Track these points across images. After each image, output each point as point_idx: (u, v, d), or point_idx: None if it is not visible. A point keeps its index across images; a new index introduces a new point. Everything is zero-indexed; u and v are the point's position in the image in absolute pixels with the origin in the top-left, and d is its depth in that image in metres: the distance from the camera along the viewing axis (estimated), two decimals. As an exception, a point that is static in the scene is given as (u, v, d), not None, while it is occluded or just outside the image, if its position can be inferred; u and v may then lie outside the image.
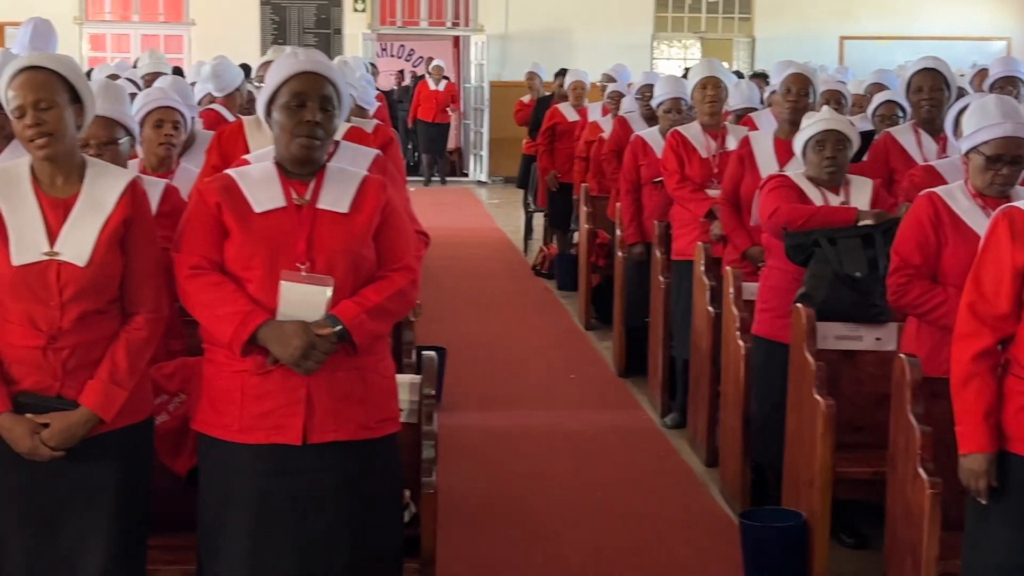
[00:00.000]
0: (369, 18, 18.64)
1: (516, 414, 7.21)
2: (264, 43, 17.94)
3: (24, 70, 3.33)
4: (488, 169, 19.21)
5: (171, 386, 3.83)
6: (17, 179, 3.36)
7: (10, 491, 3.36)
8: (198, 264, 3.37)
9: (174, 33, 18.35)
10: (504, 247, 13.30)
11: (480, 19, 18.89)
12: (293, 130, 3.41)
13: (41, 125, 3.27)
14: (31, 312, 3.28)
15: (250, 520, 3.37)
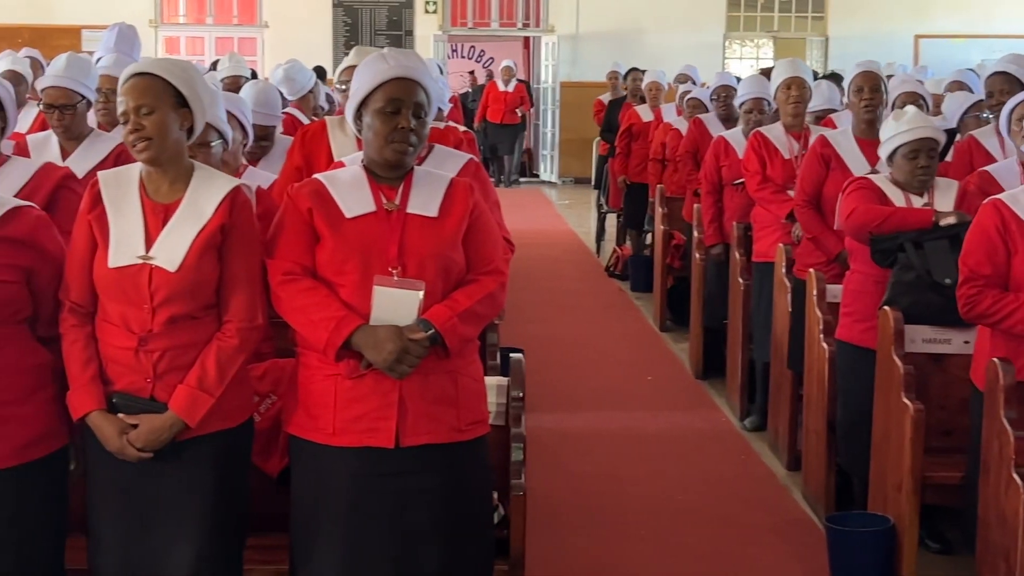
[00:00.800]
0: (440, 19, 18.71)
1: (593, 416, 7.21)
2: (336, 45, 18.08)
3: (132, 77, 3.39)
4: (558, 170, 19.20)
5: (262, 388, 3.87)
6: (127, 183, 3.42)
7: (108, 488, 3.42)
8: (291, 270, 3.40)
9: (248, 36, 18.51)
10: (576, 248, 13.29)
11: (551, 19, 18.90)
12: (387, 136, 3.43)
13: (139, 130, 3.33)
14: (125, 314, 3.34)
15: (343, 522, 3.40)
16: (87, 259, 3.38)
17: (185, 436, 3.36)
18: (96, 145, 4.86)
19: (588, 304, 10.41)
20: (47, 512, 3.47)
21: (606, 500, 5.80)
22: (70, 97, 4.84)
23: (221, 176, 3.53)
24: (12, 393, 3.37)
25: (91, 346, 3.38)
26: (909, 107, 5.21)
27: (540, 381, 7.43)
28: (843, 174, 5.73)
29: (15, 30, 16.66)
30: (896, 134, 5.03)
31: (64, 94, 4.84)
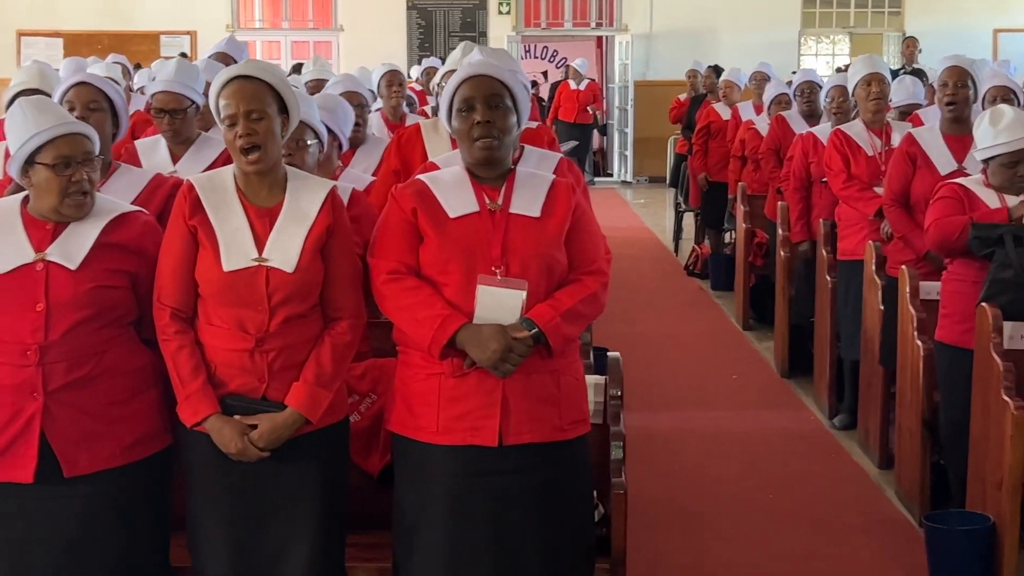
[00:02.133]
0: (514, 20, 18.73)
1: (680, 415, 7.19)
2: (410, 48, 18.16)
3: (236, 79, 3.42)
4: (633, 169, 19.16)
5: (362, 387, 3.91)
6: (223, 189, 3.47)
7: (216, 490, 3.46)
8: (395, 269, 3.43)
9: (323, 39, 18.64)
10: (654, 247, 13.25)
11: (624, 19, 18.85)
12: (467, 134, 3.46)
13: (252, 135, 3.37)
14: (240, 316, 3.38)
15: (446, 520, 3.42)
16: (187, 264, 3.42)
17: (302, 432, 3.40)
18: (204, 149, 4.92)
19: (669, 303, 10.38)
20: (152, 511, 3.53)
21: (697, 499, 5.78)
22: (180, 102, 4.92)
23: (315, 179, 3.59)
24: (119, 394, 3.44)
25: (197, 352, 3.42)
26: (1006, 108, 5.06)
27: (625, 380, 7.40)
28: (930, 172, 5.68)
29: (95, 36, 16.92)
30: (995, 144, 4.92)
31: (174, 99, 4.91)
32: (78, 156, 3.40)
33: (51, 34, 17.60)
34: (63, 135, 3.42)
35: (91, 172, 3.43)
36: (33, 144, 3.41)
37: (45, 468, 3.35)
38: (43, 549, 3.38)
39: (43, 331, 3.33)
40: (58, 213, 3.43)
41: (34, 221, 3.44)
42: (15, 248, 3.39)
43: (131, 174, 4.22)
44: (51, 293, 3.35)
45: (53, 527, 3.37)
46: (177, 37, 17.60)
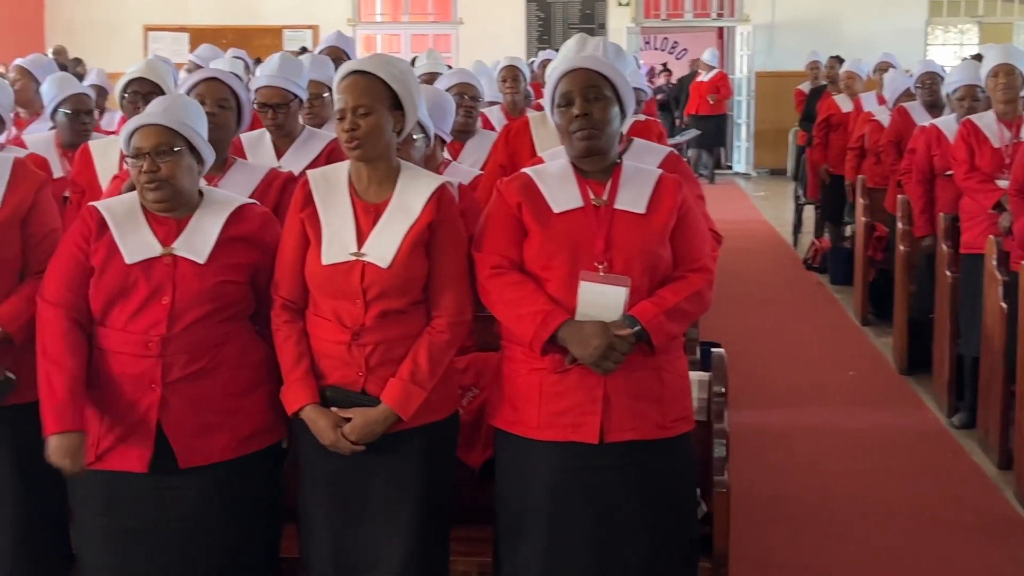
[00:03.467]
0: (633, 12, 18.65)
1: (794, 411, 7.09)
2: (530, 40, 18.18)
3: (352, 74, 3.43)
4: (753, 161, 18.95)
5: (465, 380, 3.91)
6: (336, 183, 3.49)
7: (320, 481, 3.49)
8: (499, 264, 3.42)
9: (443, 32, 18.75)
10: (773, 240, 13.09)
11: (746, 9, 18.66)
12: (567, 128, 3.45)
13: (355, 130, 3.38)
14: (337, 309, 3.41)
15: (546, 516, 3.41)
16: (298, 256, 3.47)
17: (395, 429, 3.40)
18: (308, 144, 4.96)
19: (786, 297, 10.25)
20: (263, 502, 3.58)
21: (809, 498, 5.70)
22: (284, 96, 4.95)
23: (427, 174, 3.57)
24: (236, 386, 3.48)
25: (303, 342, 3.46)
26: None
27: (738, 376, 7.29)
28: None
29: (219, 31, 17.21)
30: None
31: (278, 93, 4.95)
32: (146, 147, 3.44)
33: (177, 29, 17.97)
34: (142, 126, 3.47)
35: (166, 164, 3.43)
36: (124, 136, 3.50)
37: (160, 458, 3.41)
38: (155, 538, 3.44)
39: (166, 324, 3.39)
40: (145, 202, 3.49)
41: (156, 216, 3.49)
42: (141, 242, 3.45)
43: (247, 169, 4.27)
44: (178, 287, 3.41)
45: (166, 517, 3.44)
46: (299, 31, 17.84)
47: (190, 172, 3.49)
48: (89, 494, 3.48)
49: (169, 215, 3.49)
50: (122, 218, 3.49)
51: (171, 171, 3.44)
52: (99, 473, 3.44)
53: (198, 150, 3.51)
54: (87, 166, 4.87)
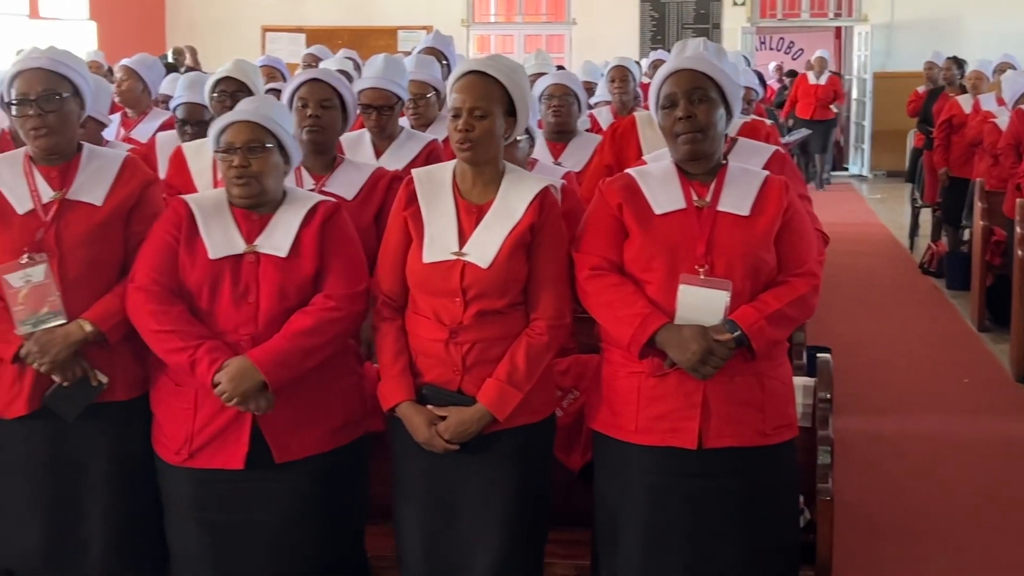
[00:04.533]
0: (748, 12, 18.45)
1: (905, 419, 6.95)
2: (643, 40, 18.09)
3: (470, 73, 3.43)
4: (870, 163, 18.65)
5: (565, 382, 3.90)
6: (440, 183, 3.49)
7: (414, 479, 3.50)
8: (599, 265, 3.39)
9: (556, 33, 18.74)
10: (888, 244, 12.86)
11: (864, 8, 18.35)
12: (671, 130, 3.41)
13: (469, 131, 3.37)
14: (436, 307, 3.41)
15: (644, 520, 3.38)
16: (400, 254, 3.48)
17: (491, 429, 3.40)
18: (407, 144, 4.98)
19: (900, 302, 10.06)
20: (352, 496, 3.61)
21: (919, 508, 5.58)
22: (388, 98, 4.98)
23: (531, 177, 3.56)
24: (327, 379, 3.51)
25: (402, 339, 3.47)
26: None
27: (848, 381, 7.23)
28: None
29: (335, 32, 17.38)
30: None
31: (382, 95, 4.98)
32: (237, 143, 3.47)
33: (294, 30, 18.21)
34: (233, 122, 3.50)
35: (256, 160, 3.47)
36: (214, 133, 3.54)
37: (256, 454, 3.45)
38: (249, 532, 3.48)
39: (253, 321, 3.43)
40: (231, 197, 3.52)
41: (243, 213, 3.54)
42: (226, 238, 3.50)
43: (353, 168, 4.29)
44: (261, 283, 3.45)
45: (260, 512, 3.47)
46: (414, 32, 17.95)
47: (277, 170, 3.53)
48: (182, 490, 3.53)
49: (253, 211, 3.52)
50: (209, 213, 3.53)
51: (261, 167, 3.47)
52: (194, 470, 3.48)
53: (286, 149, 3.54)
54: (181, 168, 4.94)
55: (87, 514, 3.62)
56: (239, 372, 3.36)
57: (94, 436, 3.60)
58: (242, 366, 3.36)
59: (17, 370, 3.56)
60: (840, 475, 5.16)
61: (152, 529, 3.73)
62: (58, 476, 3.60)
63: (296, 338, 3.40)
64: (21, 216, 3.56)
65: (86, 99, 3.66)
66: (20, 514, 3.63)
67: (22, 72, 3.56)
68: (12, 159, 3.66)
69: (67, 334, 3.50)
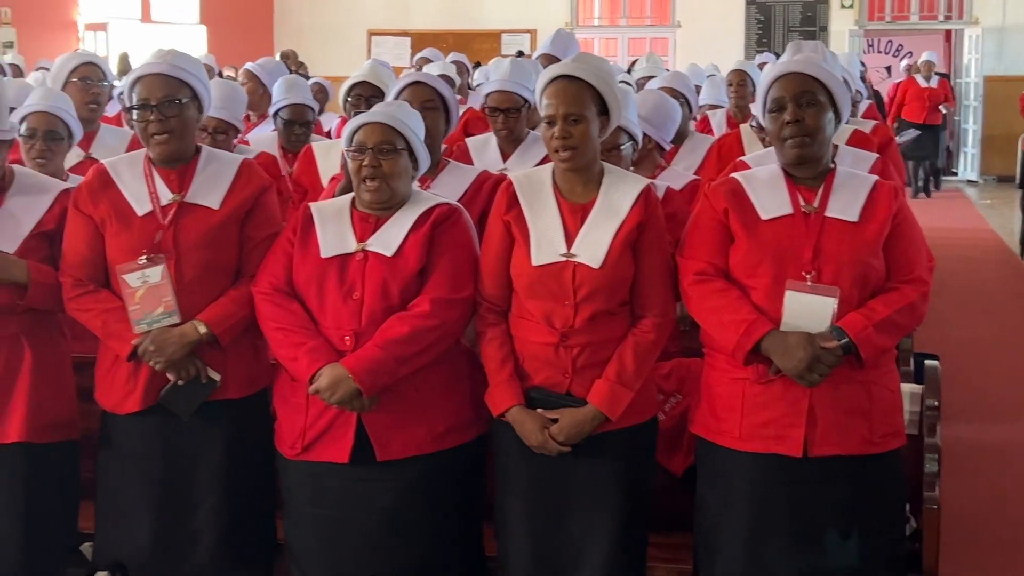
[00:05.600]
0: (856, 14, 18.22)
1: (1015, 428, 6.82)
2: (748, 44, 17.95)
3: (560, 78, 3.43)
4: (979, 168, 18.31)
5: (668, 386, 3.90)
6: (540, 186, 3.50)
7: (521, 482, 3.52)
8: (704, 270, 3.39)
9: (660, 36, 18.67)
10: (998, 250, 12.61)
11: (975, 11, 18.03)
12: (778, 134, 3.38)
13: (567, 138, 3.38)
14: (547, 310, 3.42)
15: (747, 527, 3.37)
16: (503, 258, 3.49)
17: (601, 430, 3.40)
18: (533, 147, 4.99)
19: (1010, 309, 9.87)
20: (460, 499, 3.63)
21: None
22: (514, 101, 5.02)
23: (631, 176, 3.57)
24: (433, 382, 3.53)
25: (508, 343, 3.49)
26: None
27: (956, 389, 7.10)
28: None
29: (440, 36, 17.50)
30: None
31: (509, 98, 5.02)
32: (369, 143, 3.52)
33: (400, 33, 18.36)
34: (367, 123, 3.55)
35: (387, 161, 3.51)
36: (347, 132, 3.58)
37: (360, 451, 3.49)
38: (355, 528, 3.53)
39: (358, 318, 3.47)
40: (360, 200, 3.57)
41: (361, 216, 3.58)
42: (339, 238, 3.55)
43: (459, 171, 4.32)
44: (367, 282, 3.49)
45: (365, 507, 3.52)
46: (517, 35, 18.02)
47: (406, 173, 3.57)
48: (298, 483, 3.59)
49: (374, 213, 3.56)
50: (329, 215, 3.59)
51: (391, 169, 3.52)
52: (307, 464, 3.54)
53: (416, 154, 3.58)
54: (310, 167, 5.02)
55: (197, 510, 3.70)
56: (334, 380, 3.41)
57: (206, 433, 3.68)
58: (337, 374, 3.41)
59: (132, 367, 3.64)
60: (947, 483, 5.08)
61: (261, 525, 3.81)
62: (170, 472, 3.69)
63: (390, 346, 3.43)
64: (140, 218, 3.64)
65: (204, 103, 3.74)
66: (132, 509, 3.72)
67: (143, 77, 3.65)
68: (132, 161, 3.75)
69: (182, 334, 3.58)
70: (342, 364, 3.41)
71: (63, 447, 3.81)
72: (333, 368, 3.41)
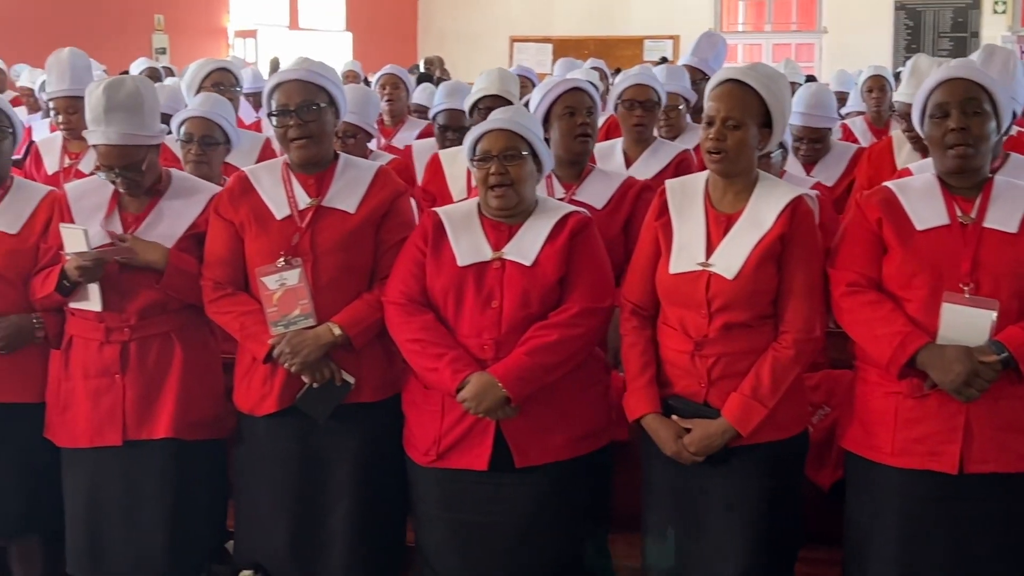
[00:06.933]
0: (1009, 20, 17.79)
1: None
2: (897, 49, 17.65)
3: (728, 82, 3.39)
4: None
5: (816, 398, 3.84)
6: (693, 193, 3.47)
7: (661, 490, 3.50)
8: (856, 281, 3.32)
9: (805, 41, 18.47)
10: None
11: None
12: (941, 141, 3.29)
13: (720, 141, 3.34)
14: (683, 318, 3.39)
15: (897, 545, 3.30)
16: (651, 264, 3.47)
17: (737, 443, 3.36)
18: (659, 153, 4.97)
19: None
20: (593, 504, 3.62)
21: None
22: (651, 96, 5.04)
23: (784, 185, 3.50)
24: (571, 387, 3.53)
25: (649, 350, 3.46)
26: None
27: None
28: None
29: (582, 42, 17.54)
30: None
31: (644, 92, 5.04)
32: (494, 151, 3.52)
33: (541, 40, 18.44)
34: (489, 131, 3.56)
35: (513, 167, 3.51)
36: (470, 142, 3.60)
37: (498, 457, 3.50)
38: (493, 533, 3.54)
39: (498, 326, 3.48)
40: (487, 207, 3.57)
41: (492, 223, 3.59)
42: (474, 246, 3.56)
43: (604, 176, 4.30)
44: (506, 291, 3.49)
45: (503, 513, 3.52)
46: (660, 41, 17.96)
47: (532, 178, 3.57)
48: (431, 489, 3.61)
49: (505, 220, 3.57)
50: (459, 222, 3.60)
51: (517, 174, 3.52)
52: (441, 471, 3.56)
53: (539, 157, 3.58)
54: (437, 174, 5.05)
55: (331, 512, 3.73)
56: (482, 388, 3.41)
57: (341, 436, 3.71)
58: (486, 382, 3.41)
59: (269, 370, 3.70)
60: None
61: (392, 529, 3.84)
62: (305, 475, 3.73)
63: (537, 354, 3.43)
64: (279, 221, 3.70)
65: (340, 109, 3.79)
66: (269, 511, 3.77)
67: (282, 84, 3.71)
68: (272, 167, 3.83)
69: (317, 336, 3.62)
70: (490, 372, 3.41)
71: (210, 445, 3.90)
72: (480, 377, 3.41)
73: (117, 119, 3.72)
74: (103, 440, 3.80)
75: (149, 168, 3.81)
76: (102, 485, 3.83)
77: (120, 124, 3.72)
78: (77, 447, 3.85)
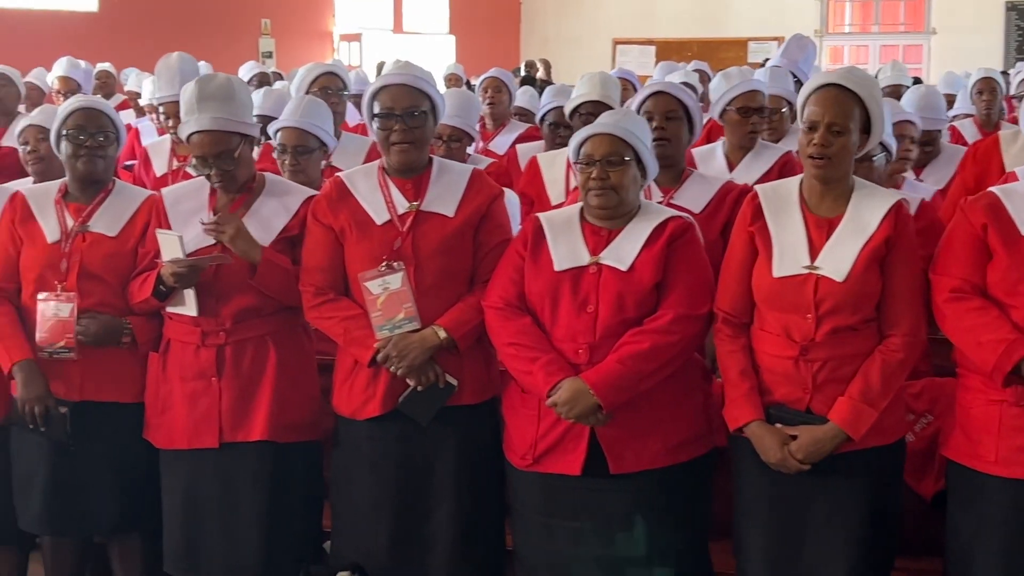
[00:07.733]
0: None
1: None
2: (1007, 51, 17.32)
3: (829, 86, 3.36)
4: None
5: (918, 406, 3.79)
6: (787, 197, 3.45)
7: (759, 500, 3.45)
8: (959, 287, 3.28)
9: (913, 43, 18.20)
10: None
11: None
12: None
13: (826, 146, 3.31)
14: (786, 323, 3.35)
15: (1000, 557, 3.25)
16: (745, 270, 3.44)
17: (842, 450, 3.31)
18: (761, 156, 4.93)
19: None
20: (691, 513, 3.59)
21: None
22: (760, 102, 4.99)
23: (881, 190, 3.48)
24: (668, 394, 3.50)
25: (746, 357, 3.43)
26: None
27: None
28: None
29: (685, 44, 17.47)
30: None
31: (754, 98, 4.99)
32: (596, 155, 3.51)
33: (644, 42, 18.39)
34: (594, 135, 3.55)
35: (615, 172, 3.50)
36: (574, 144, 3.59)
37: (592, 463, 3.49)
38: (591, 538, 3.52)
39: (592, 331, 3.47)
40: (588, 208, 3.57)
41: (592, 228, 3.59)
42: (572, 250, 3.56)
43: (702, 180, 4.28)
44: (601, 295, 3.48)
45: (599, 519, 3.51)
46: (764, 43, 17.81)
47: (635, 183, 3.56)
48: (528, 492, 3.61)
49: (605, 224, 3.56)
50: (559, 227, 3.60)
51: (619, 180, 3.51)
52: (538, 475, 3.56)
53: (644, 163, 3.57)
54: (535, 177, 5.04)
55: (433, 515, 3.75)
56: (574, 394, 3.40)
57: (442, 438, 3.73)
58: (577, 388, 3.40)
59: (371, 373, 3.72)
60: None
61: (492, 531, 3.84)
62: (407, 477, 3.75)
63: (630, 361, 3.41)
64: (379, 226, 3.73)
65: (439, 114, 3.82)
66: (370, 513, 3.79)
67: (386, 87, 3.74)
68: (367, 172, 3.86)
69: (423, 339, 3.64)
70: (582, 378, 3.41)
71: (306, 447, 3.93)
72: (573, 382, 3.41)
73: (209, 107, 3.78)
74: (200, 442, 3.85)
75: (243, 163, 3.85)
76: (199, 486, 3.89)
77: (212, 111, 3.77)
78: (175, 448, 3.91)
